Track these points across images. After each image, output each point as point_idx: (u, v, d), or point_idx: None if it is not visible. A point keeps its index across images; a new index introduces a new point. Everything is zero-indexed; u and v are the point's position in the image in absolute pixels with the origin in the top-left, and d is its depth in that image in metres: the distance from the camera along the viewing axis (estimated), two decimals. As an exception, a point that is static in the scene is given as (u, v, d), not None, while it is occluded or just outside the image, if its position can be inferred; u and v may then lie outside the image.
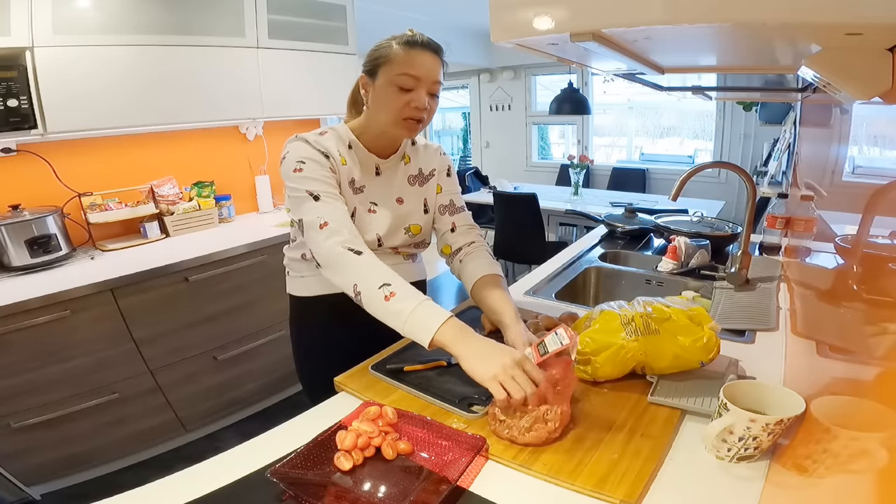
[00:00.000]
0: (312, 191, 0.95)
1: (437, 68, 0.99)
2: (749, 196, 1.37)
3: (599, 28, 0.54)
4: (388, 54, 0.97)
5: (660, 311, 0.91)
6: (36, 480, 1.77)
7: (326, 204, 0.95)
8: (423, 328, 0.83)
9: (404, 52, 0.96)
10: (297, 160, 0.97)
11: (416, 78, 0.95)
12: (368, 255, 0.92)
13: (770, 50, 0.76)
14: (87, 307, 1.75)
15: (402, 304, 0.85)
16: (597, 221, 2.35)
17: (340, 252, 0.90)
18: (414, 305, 0.84)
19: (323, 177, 0.97)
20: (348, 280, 0.90)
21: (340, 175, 1.02)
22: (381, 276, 0.88)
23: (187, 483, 0.71)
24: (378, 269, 0.90)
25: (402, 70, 0.95)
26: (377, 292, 0.86)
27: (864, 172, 0.88)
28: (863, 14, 0.41)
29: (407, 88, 0.96)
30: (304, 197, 0.95)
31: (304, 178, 0.96)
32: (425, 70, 0.96)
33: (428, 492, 0.68)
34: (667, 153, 5.40)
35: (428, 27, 1.20)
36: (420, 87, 0.96)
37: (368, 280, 0.88)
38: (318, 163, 0.98)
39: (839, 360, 0.71)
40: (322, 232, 0.93)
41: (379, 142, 1.07)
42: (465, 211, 1.21)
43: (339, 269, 0.92)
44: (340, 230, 0.93)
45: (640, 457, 0.72)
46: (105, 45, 1.88)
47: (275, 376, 2.39)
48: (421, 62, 0.96)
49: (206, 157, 2.59)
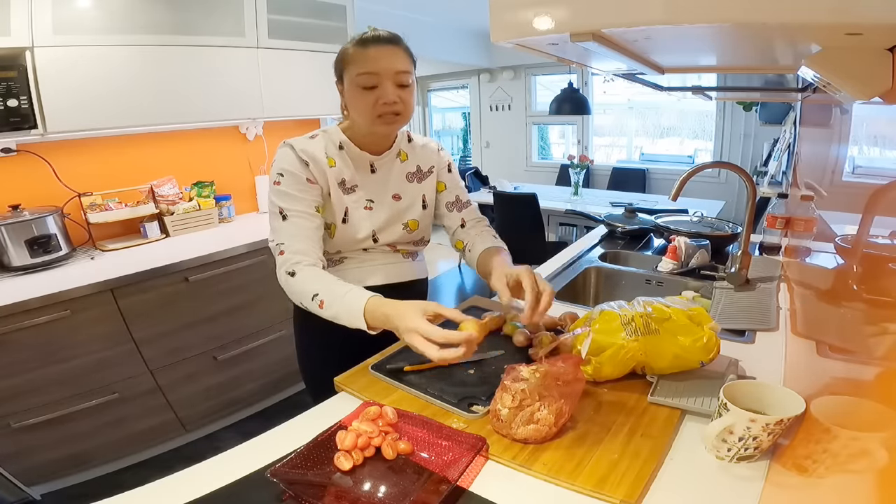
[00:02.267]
0: (283, 208, 1.01)
1: (396, 58, 0.98)
2: (749, 196, 1.37)
3: (599, 28, 0.54)
4: (346, 57, 0.99)
5: (660, 311, 0.91)
6: (36, 480, 1.77)
7: (291, 225, 1.00)
8: (354, 319, 0.87)
9: (358, 51, 0.97)
10: (278, 172, 1.02)
11: (375, 74, 0.96)
12: (301, 273, 0.96)
13: (770, 50, 0.76)
14: (87, 307, 1.75)
15: (333, 308, 0.90)
16: (597, 221, 2.35)
17: (285, 279, 0.97)
18: (339, 304, 0.89)
19: (297, 191, 1.01)
20: (296, 301, 0.97)
21: (328, 177, 1.04)
22: (312, 288, 0.93)
23: (187, 483, 0.71)
24: (309, 282, 0.94)
25: (359, 69, 0.97)
26: (312, 303, 0.93)
27: (864, 172, 0.88)
28: (863, 14, 0.41)
29: (370, 86, 0.97)
30: (276, 213, 1.01)
31: (280, 193, 1.01)
32: (383, 64, 0.96)
33: (428, 492, 0.68)
34: (667, 153, 5.40)
35: (428, 27, 1.20)
36: (384, 82, 0.96)
37: (305, 295, 0.94)
38: (295, 175, 1.01)
39: (839, 360, 0.71)
40: (279, 259, 0.99)
41: (369, 140, 1.08)
42: (472, 204, 1.25)
43: (288, 293, 0.98)
44: (291, 255, 0.97)
45: (640, 457, 0.72)
46: (105, 45, 1.88)
47: (275, 376, 2.39)
48: (376, 57, 0.96)
49: (206, 157, 2.59)
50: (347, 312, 0.88)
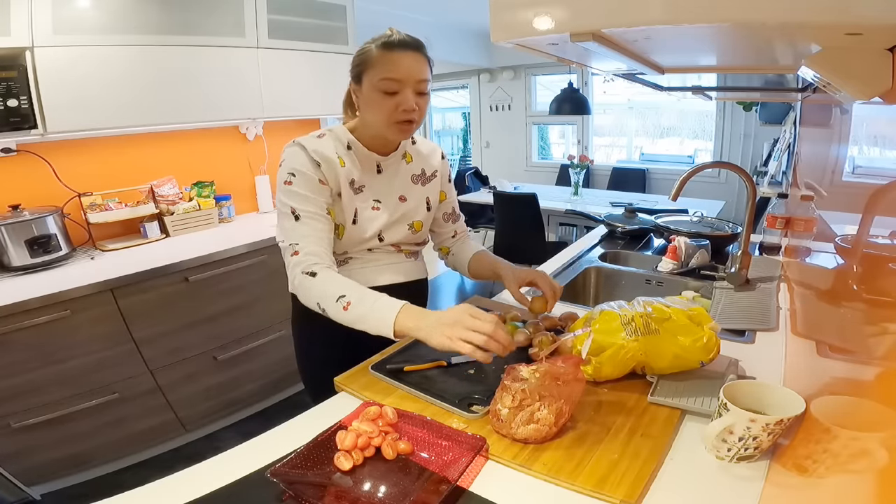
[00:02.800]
0: (295, 208, 0.99)
1: (420, 66, 0.97)
2: (749, 196, 1.37)
3: (599, 28, 0.54)
4: (368, 59, 0.96)
5: (660, 311, 0.91)
6: (36, 480, 1.76)
7: (304, 225, 0.99)
8: (383, 324, 0.87)
9: (383, 55, 0.95)
10: (289, 171, 1.00)
11: (399, 80, 0.94)
12: (323, 274, 0.95)
13: (770, 50, 0.76)
14: (87, 307, 1.75)
15: (359, 310, 0.89)
16: (597, 221, 2.35)
17: (301, 278, 0.95)
18: (369, 306, 0.89)
19: (309, 192, 1.00)
20: (312, 301, 0.96)
21: (338, 178, 1.03)
22: (336, 290, 0.92)
23: (187, 483, 0.71)
24: (333, 284, 0.94)
25: (383, 75, 0.94)
26: (335, 305, 0.91)
27: (864, 172, 0.88)
28: (863, 14, 0.41)
29: (392, 92, 0.95)
30: (287, 214, 0.99)
31: (291, 192, 1.00)
32: (407, 71, 0.95)
33: (428, 492, 0.68)
34: (667, 153, 5.40)
35: (428, 27, 1.20)
36: (405, 89, 0.95)
37: (326, 297, 0.93)
38: (307, 175, 1.00)
39: (839, 360, 0.71)
40: (292, 259, 0.97)
41: (377, 141, 1.08)
42: (461, 215, 1.32)
43: (303, 293, 0.97)
44: (306, 259, 0.96)
45: (640, 457, 0.72)
46: (105, 45, 1.88)
47: (275, 376, 2.39)
48: (401, 63, 0.94)
49: (206, 157, 2.59)
50: (377, 318, 0.88)
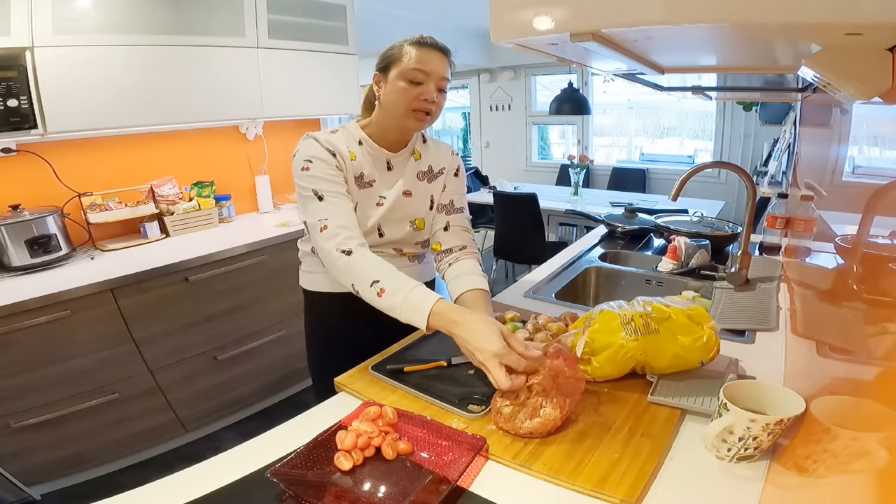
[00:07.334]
0: (318, 190, 1.01)
1: (445, 66, 1.06)
2: (749, 196, 1.37)
3: (599, 28, 0.54)
4: (400, 53, 1.04)
5: (660, 310, 0.91)
6: (36, 480, 1.76)
7: (330, 204, 1.01)
8: (416, 317, 0.88)
9: (416, 50, 1.03)
10: (305, 158, 1.03)
11: (426, 73, 1.02)
12: (358, 253, 0.96)
13: (770, 50, 0.76)
14: (87, 307, 1.75)
15: (392, 299, 0.90)
16: (597, 221, 2.35)
17: (336, 256, 0.97)
18: (403, 297, 0.89)
19: (329, 175, 1.03)
20: (346, 281, 0.97)
21: (348, 171, 1.06)
22: (371, 274, 0.94)
23: (187, 483, 0.71)
24: (368, 267, 0.95)
25: (413, 66, 1.02)
26: (370, 290, 0.93)
27: (864, 172, 0.88)
28: (863, 14, 0.41)
29: (417, 82, 1.02)
30: (310, 196, 1.02)
31: (310, 177, 1.02)
32: (434, 66, 1.03)
33: (428, 492, 0.68)
34: (667, 153, 5.40)
35: (428, 27, 1.21)
36: (429, 82, 1.03)
37: (361, 279, 0.94)
38: (325, 161, 1.03)
39: (839, 360, 0.71)
40: (322, 235, 0.99)
41: (388, 137, 1.11)
42: (464, 213, 1.21)
43: (336, 271, 0.99)
44: (338, 232, 0.98)
45: (640, 457, 0.72)
46: (105, 45, 1.88)
47: (275, 376, 2.39)
48: (431, 59, 1.03)
49: (206, 157, 2.59)
50: (411, 308, 0.88)
